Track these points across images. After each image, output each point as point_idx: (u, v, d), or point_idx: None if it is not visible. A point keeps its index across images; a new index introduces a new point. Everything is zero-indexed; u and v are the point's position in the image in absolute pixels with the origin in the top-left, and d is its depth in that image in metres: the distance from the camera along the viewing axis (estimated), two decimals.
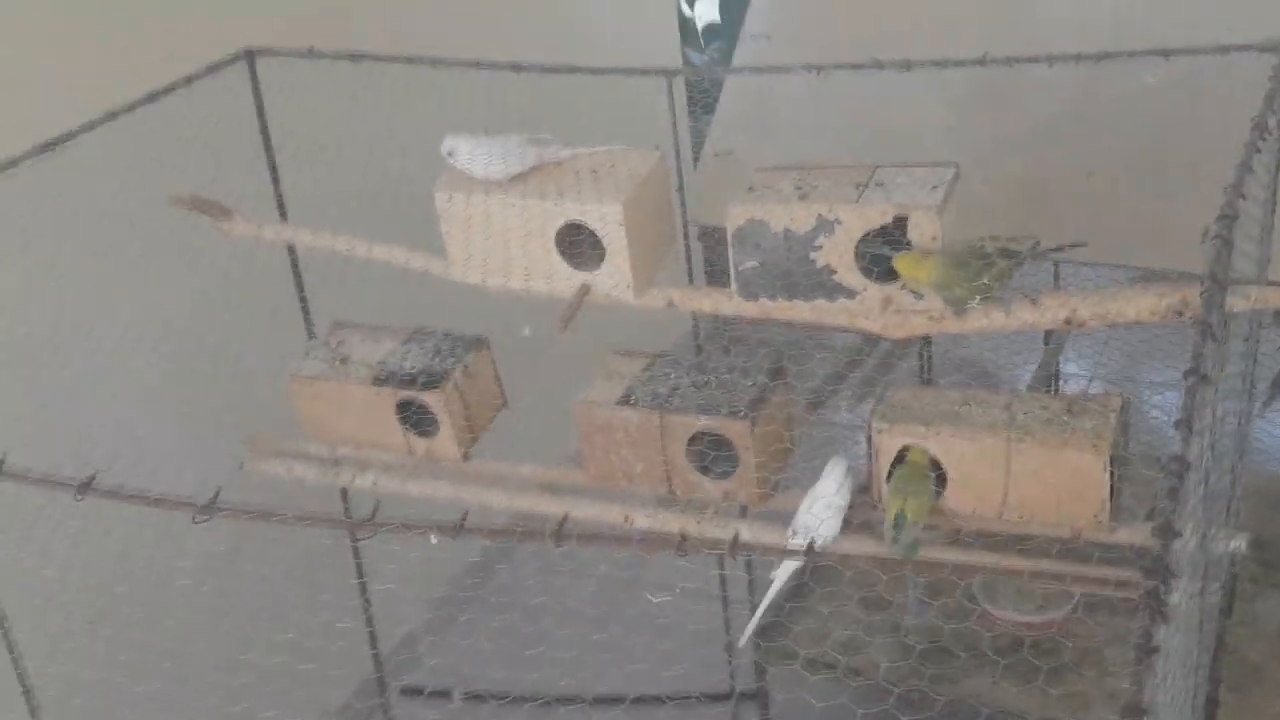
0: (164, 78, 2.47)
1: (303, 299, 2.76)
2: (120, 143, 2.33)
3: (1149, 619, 0.90)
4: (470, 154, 2.16)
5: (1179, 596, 1.06)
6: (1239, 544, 1.93)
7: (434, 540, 1.46)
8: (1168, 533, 0.96)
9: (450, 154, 2.18)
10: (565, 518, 1.25)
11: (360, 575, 2.94)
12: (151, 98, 2.42)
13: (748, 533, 2.15)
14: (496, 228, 2.17)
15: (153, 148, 2.37)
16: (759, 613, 2.11)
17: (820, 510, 1.99)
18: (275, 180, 2.69)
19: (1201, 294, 1.25)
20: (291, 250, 2.69)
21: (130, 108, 2.39)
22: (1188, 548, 1.12)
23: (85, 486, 1.56)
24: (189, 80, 2.48)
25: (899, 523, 1.98)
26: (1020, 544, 2.01)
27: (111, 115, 2.35)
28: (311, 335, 2.72)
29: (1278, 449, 4.03)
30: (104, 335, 2.36)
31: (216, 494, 1.46)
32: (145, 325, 2.44)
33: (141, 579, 2.28)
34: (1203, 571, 1.46)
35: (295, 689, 2.51)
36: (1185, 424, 1.05)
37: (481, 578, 3.88)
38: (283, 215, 2.70)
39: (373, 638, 3.08)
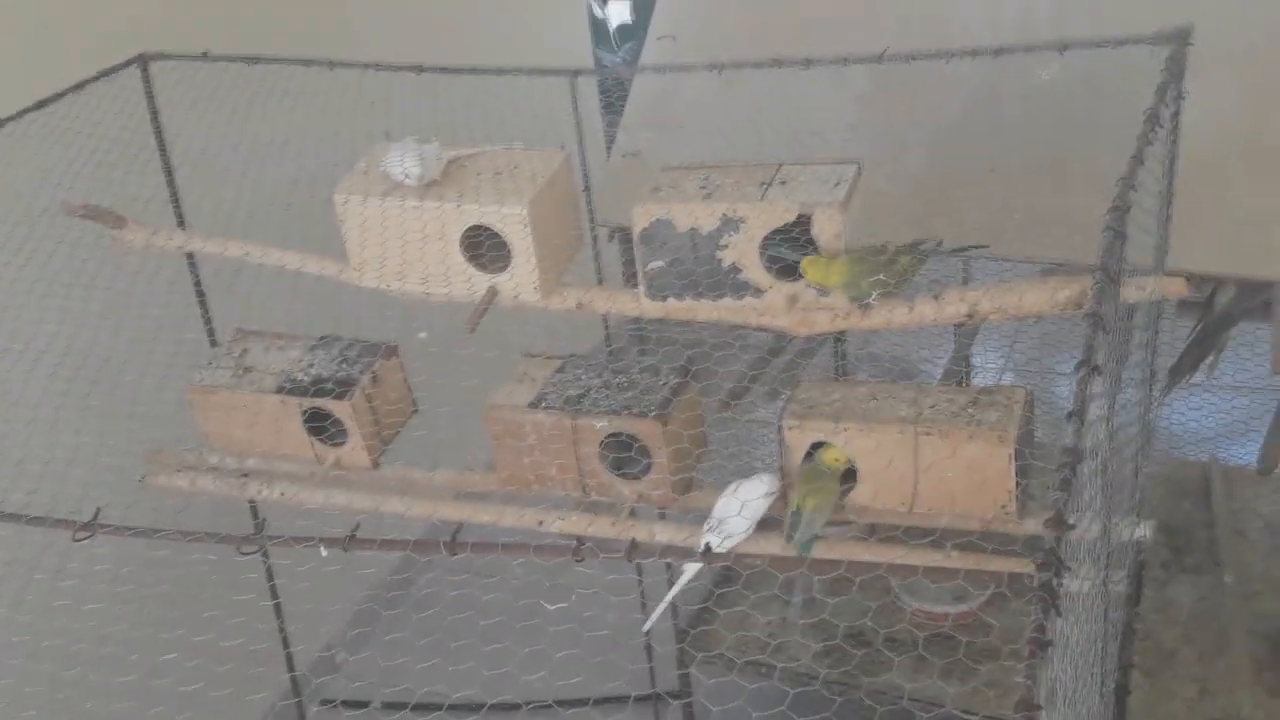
0: (54, 84, 2.40)
1: (204, 307, 2.70)
2: (8, 152, 2.26)
3: (1043, 612, 0.90)
4: (390, 160, 2.14)
5: (1078, 587, 1.06)
6: (1144, 532, 1.96)
7: (324, 553, 1.43)
8: (1060, 524, 0.96)
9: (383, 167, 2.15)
10: (459, 527, 1.22)
11: (272, 585, 2.88)
12: (40, 105, 2.35)
13: (662, 533, 2.15)
14: (396, 231, 2.14)
15: (43, 157, 2.31)
16: (660, 608, 2.11)
17: (724, 508, 1.99)
18: (172, 187, 2.63)
19: (1092, 285, 1.26)
20: (191, 259, 2.63)
21: (18, 115, 2.32)
22: (1086, 538, 1.12)
23: None
24: (80, 86, 2.42)
25: (795, 520, 1.99)
26: (931, 537, 2.03)
27: None
28: (214, 344, 2.66)
29: (1185, 436, 4.13)
30: None
31: (97, 513, 1.41)
32: (40, 340, 2.37)
33: (48, 597, 2.21)
34: (1106, 561, 1.47)
35: (212, 706, 2.46)
36: (1077, 415, 1.06)
37: (402, 587, 3.84)
38: (180, 224, 2.64)
39: (287, 649, 3.03)
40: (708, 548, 1.90)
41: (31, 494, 1.67)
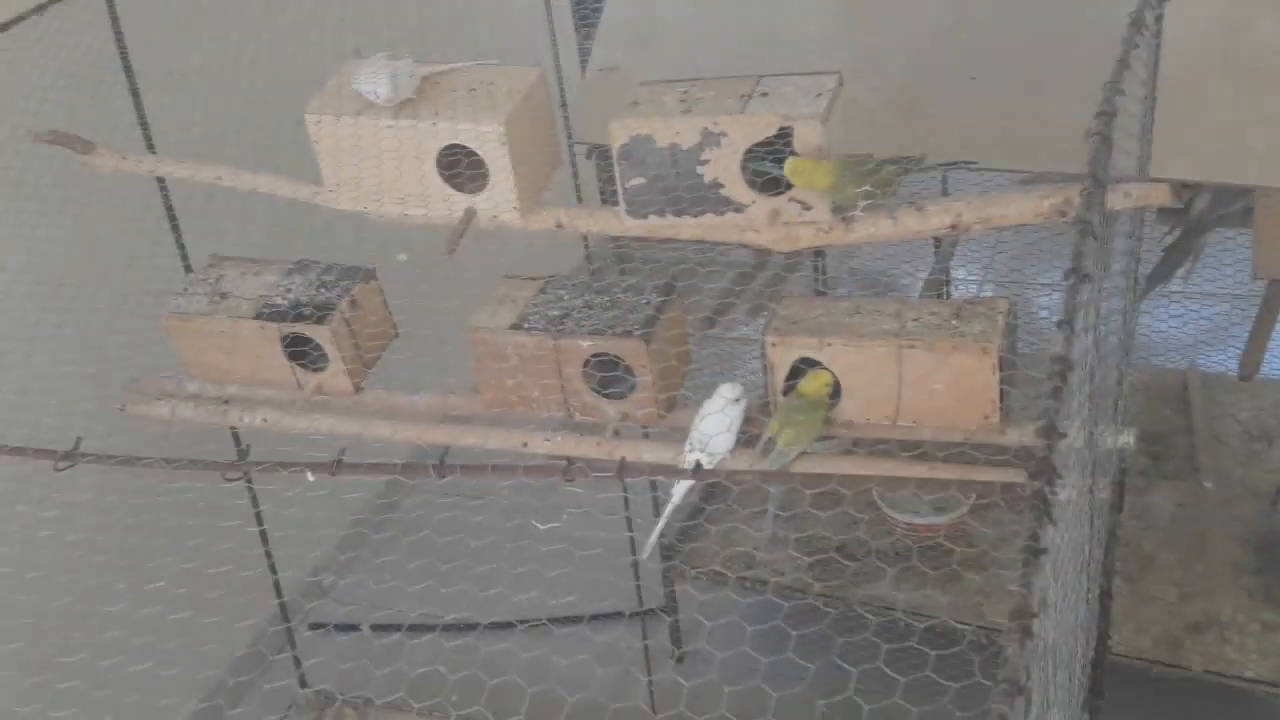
0: (14, 8, 2.33)
1: (176, 234, 2.66)
2: None
3: (1036, 520, 0.90)
4: (360, 78, 2.08)
5: (1067, 495, 1.06)
6: (1127, 439, 1.97)
7: (310, 478, 1.42)
8: (1052, 433, 0.96)
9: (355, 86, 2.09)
10: (446, 450, 1.21)
11: (257, 511, 2.88)
12: (1, 28, 2.29)
13: (649, 453, 2.14)
14: (371, 151, 2.10)
15: (5, 82, 2.25)
16: (657, 530, 2.11)
17: (709, 426, 1.98)
18: (139, 110, 2.57)
19: (1081, 192, 1.25)
20: (163, 184, 2.59)
21: None
22: (1074, 447, 1.12)
23: None
24: (41, 8, 2.36)
25: (769, 447, 1.98)
26: (914, 451, 2.04)
27: None
28: (189, 272, 2.63)
29: (1164, 344, 4.15)
30: None
31: (78, 442, 1.39)
32: (13, 270, 2.33)
33: (31, 528, 2.20)
34: (1091, 469, 1.47)
35: (200, 632, 2.47)
36: (1067, 323, 1.05)
37: (389, 511, 3.85)
38: (150, 148, 2.59)
39: (274, 575, 3.04)
40: (698, 465, 1.90)
41: (9, 425, 1.65)
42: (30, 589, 2.24)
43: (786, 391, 2.08)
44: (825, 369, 2.04)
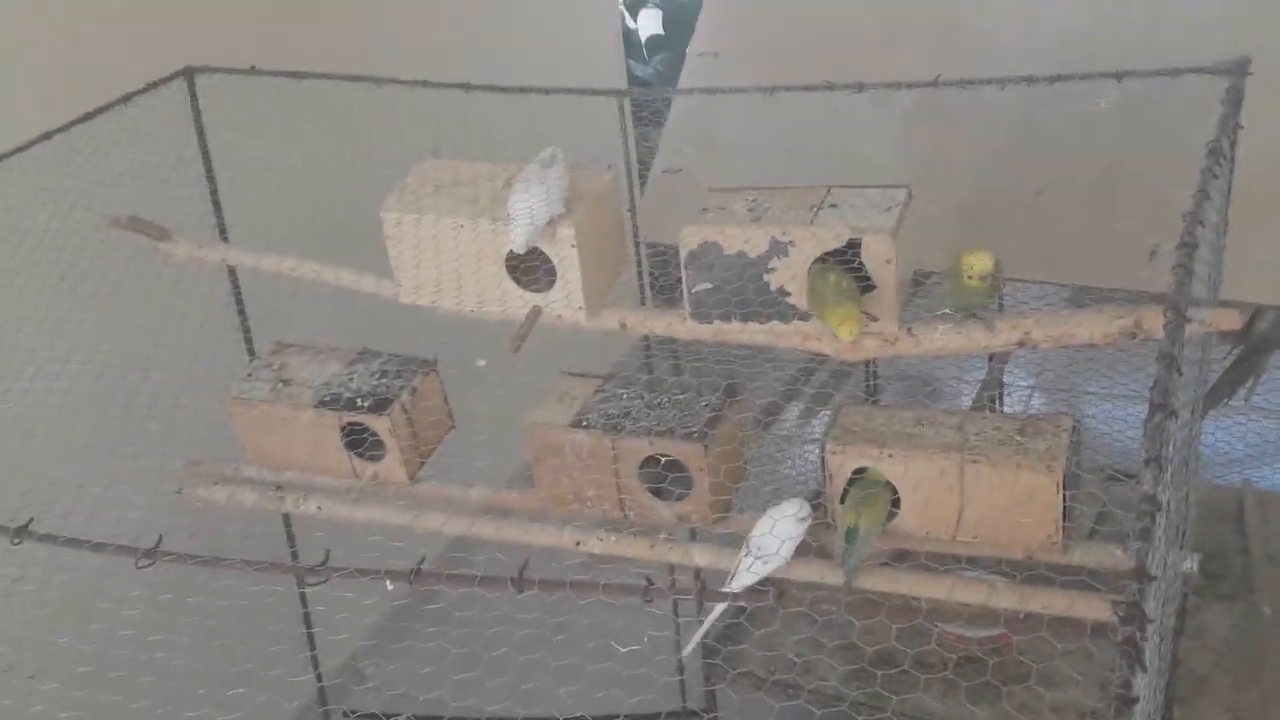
0: (101, 97, 2.40)
1: (244, 321, 2.70)
2: (56, 164, 2.26)
3: (1128, 667, 0.89)
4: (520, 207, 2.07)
5: (1152, 639, 1.05)
6: (1191, 565, 1.95)
7: (390, 587, 1.42)
8: (1143, 576, 0.95)
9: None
10: (526, 562, 1.21)
11: (302, 592, 2.88)
12: (88, 116, 2.35)
13: (700, 556, 2.14)
14: (446, 250, 2.13)
15: (90, 169, 2.31)
16: (703, 630, 2.09)
17: (781, 530, 1.96)
18: (216, 202, 2.63)
19: (1165, 326, 1.25)
20: (233, 273, 2.63)
21: (66, 127, 2.32)
22: (1160, 586, 1.11)
23: (22, 530, 1.49)
24: (127, 98, 2.42)
25: (851, 536, 1.97)
26: (961, 564, 2.02)
27: (47, 135, 2.28)
28: (253, 358, 2.66)
29: (1218, 459, 4.10)
30: (40, 364, 2.29)
31: (159, 540, 1.40)
32: (79, 353, 2.37)
33: (85, 628, 2.21)
34: (1164, 598, 1.46)
35: (242, 713, 2.45)
36: (1155, 462, 1.04)
37: (427, 594, 3.82)
38: (224, 238, 2.64)
39: (314, 659, 3.02)
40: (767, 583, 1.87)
41: (91, 519, 1.66)
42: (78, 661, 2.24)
43: (843, 499, 2.07)
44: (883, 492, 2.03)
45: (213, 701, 2.23)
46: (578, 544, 2.22)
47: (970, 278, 1.93)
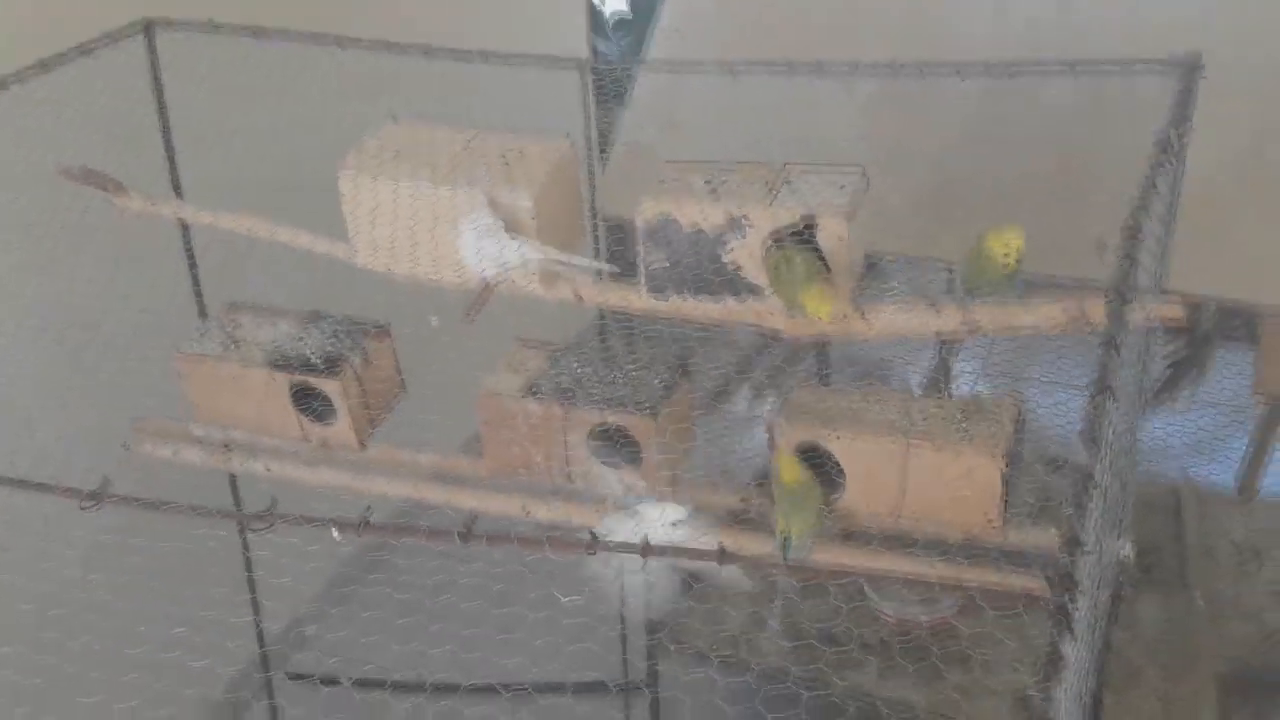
0: (60, 46, 2.37)
1: (195, 280, 2.67)
2: (9, 114, 2.23)
3: (1057, 633, 0.91)
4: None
5: (1083, 608, 1.08)
6: (1127, 551, 1.99)
7: (336, 536, 1.43)
8: (1074, 546, 0.97)
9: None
10: (474, 517, 1.23)
11: (247, 556, 2.87)
12: (43, 66, 2.32)
13: None
14: (402, 214, 2.13)
15: (44, 119, 2.28)
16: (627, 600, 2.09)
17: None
18: (171, 157, 2.60)
19: (1107, 309, 1.27)
20: (185, 229, 2.61)
21: (20, 76, 2.29)
22: (1090, 560, 1.14)
23: None
24: (85, 49, 2.39)
25: (785, 545, 1.98)
26: (908, 544, 2.05)
27: (2, 84, 2.25)
28: (204, 317, 2.64)
29: (1157, 451, 4.17)
30: None
31: (105, 482, 1.40)
32: (29, 302, 2.35)
33: (32, 567, 2.20)
34: (1099, 579, 1.49)
35: (179, 677, 2.45)
36: (1091, 438, 1.07)
37: (372, 561, 3.82)
38: (178, 194, 2.62)
39: (258, 623, 3.01)
40: (722, 550, 1.87)
41: (37, 462, 1.65)
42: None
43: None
44: (798, 461, 2.05)
45: (155, 640, 2.22)
46: (526, 511, 2.23)
47: (1006, 256, 1.92)
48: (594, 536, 1.40)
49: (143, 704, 2.18)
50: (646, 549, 1.42)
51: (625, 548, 1.44)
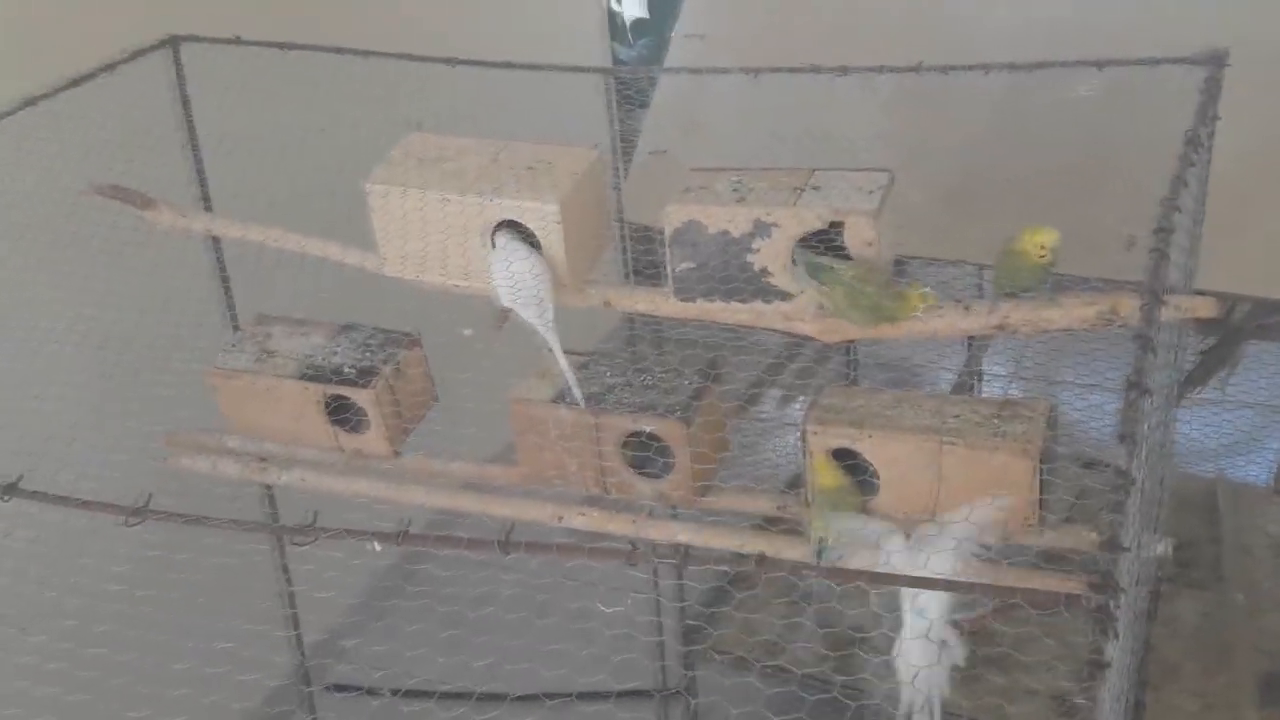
0: (85, 63, 2.39)
1: (227, 292, 2.70)
2: (38, 130, 2.26)
3: (1100, 634, 0.91)
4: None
5: (1125, 609, 1.07)
6: (1165, 549, 1.97)
7: (377, 548, 1.43)
8: (1115, 547, 0.97)
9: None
10: (512, 526, 1.23)
11: (286, 573, 2.88)
12: (72, 83, 2.35)
13: (681, 533, 2.16)
14: (431, 224, 2.14)
15: (73, 136, 2.30)
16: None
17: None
18: (200, 171, 2.62)
19: (1140, 308, 1.27)
20: (216, 243, 2.63)
21: (50, 93, 2.31)
22: (1131, 560, 1.13)
23: (11, 488, 1.50)
24: (111, 66, 2.41)
25: (822, 549, 1.98)
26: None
27: (30, 101, 2.28)
28: (236, 329, 2.66)
29: (1194, 450, 4.14)
30: (19, 330, 2.29)
31: (149, 499, 1.41)
32: (63, 319, 2.37)
33: (73, 583, 2.22)
34: (1136, 578, 1.48)
35: (218, 691, 2.46)
36: (1129, 438, 1.07)
37: (406, 572, 3.84)
38: (208, 208, 2.64)
39: (298, 636, 3.03)
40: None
41: (79, 477, 1.67)
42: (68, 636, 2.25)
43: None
44: (835, 464, 2.05)
45: (197, 655, 2.24)
46: (560, 519, 2.23)
47: (1042, 255, 1.92)
48: (633, 546, 1.40)
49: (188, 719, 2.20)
50: (685, 558, 1.42)
51: (663, 554, 1.44)
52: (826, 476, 2.03)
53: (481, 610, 2.82)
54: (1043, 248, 1.91)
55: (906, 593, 1.75)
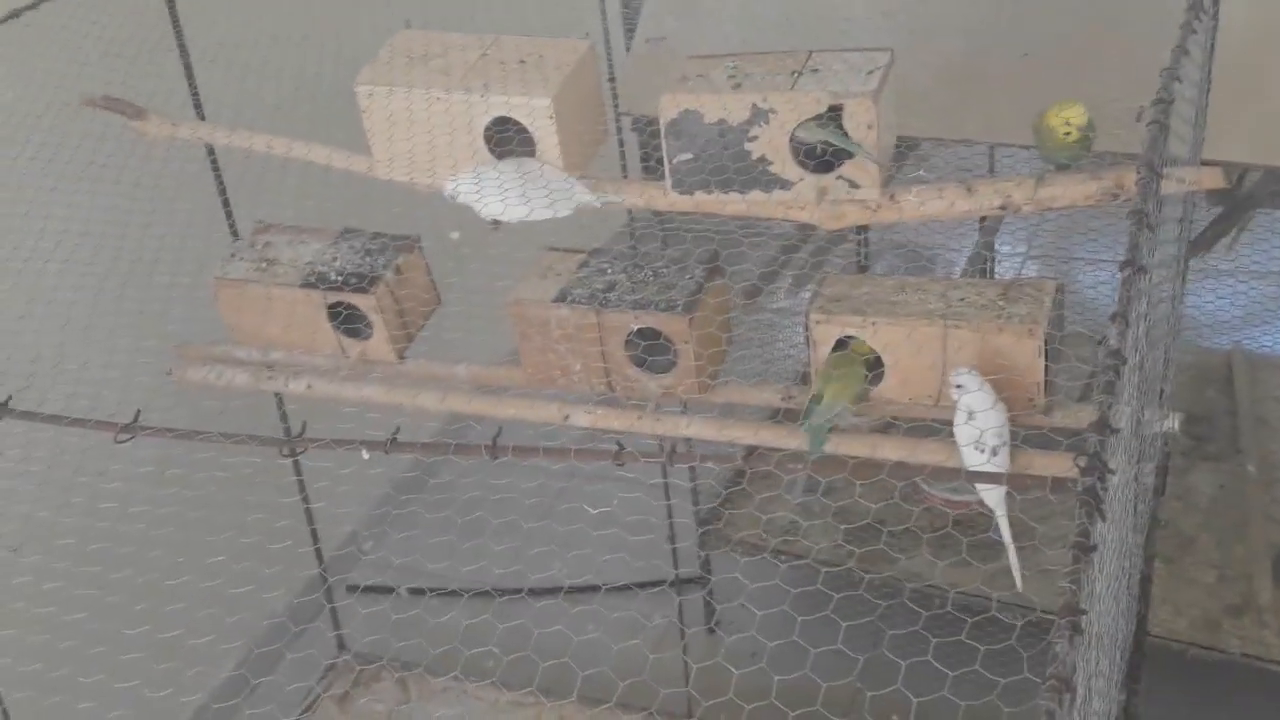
0: None
1: (225, 201, 2.67)
2: (26, 43, 2.22)
3: (1087, 517, 0.90)
4: (481, 190, 2.07)
5: (1115, 489, 1.06)
6: (1173, 424, 1.96)
7: (366, 456, 1.44)
8: (1104, 428, 0.96)
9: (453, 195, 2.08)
10: (499, 431, 1.22)
11: (300, 477, 2.91)
12: None
13: (689, 428, 2.15)
14: (421, 123, 2.10)
15: (58, 51, 2.27)
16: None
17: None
18: (191, 81, 2.58)
19: (1137, 182, 1.24)
20: (211, 152, 2.60)
21: (35, 4, 2.28)
22: (1123, 439, 1.12)
23: (1, 408, 1.51)
24: None
25: (811, 407, 1.98)
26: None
27: (14, 14, 2.24)
28: (236, 238, 2.65)
29: (1206, 323, 4.11)
30: (16, 245, 2.28)
31: (137, 414, 1.42)
32: (60, 234, 2.36)
33: (67, 501, 2.24)
34: (1137, 456, 1.47)
35: (237, 594, 2.50)
36: (1121, 316, 1.05)
37: (422, 473, 3.88)
38: (200, 117, 2.61)
39: (315, 539, 3.07)
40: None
41: (70, 396, 1.67)
42: (91, 560, 2.28)
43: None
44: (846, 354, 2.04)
45: (198, 570, 2.27)
46: (566, 418, 2.23)
47: (1068, 133, 1.89)
48: (620, 446, 1.40)
49: (199, 627, 2.23)
50: (671, 455, 1.42)
51: (649, 453, 1.44)
52: (834, 357, 2.03)
53: (488, 512, 2.85)
54: (1068, 124, 1.88)
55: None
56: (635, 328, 2.16)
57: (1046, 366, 1.95)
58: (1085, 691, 1.05)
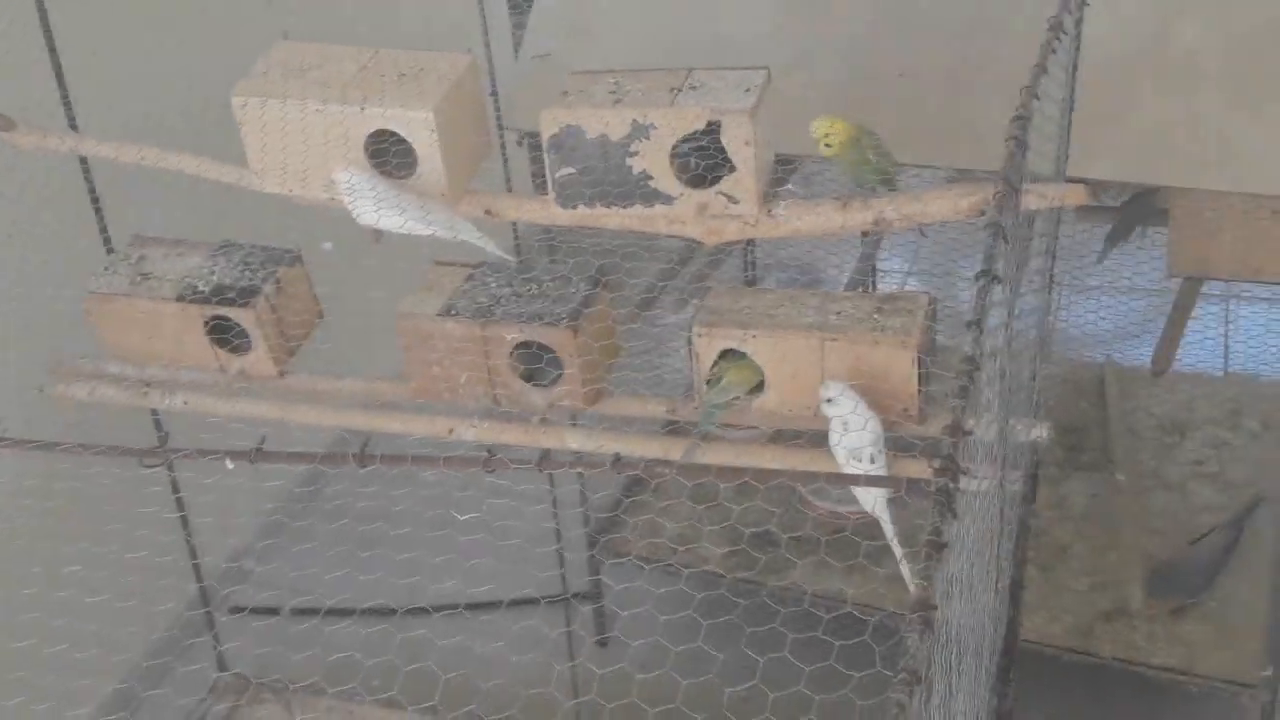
0: None
1: (99, 213, 2.61)
2: None
3: (939, 515, 0.93)
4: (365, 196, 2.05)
5: (975, 489, 1.10)
6: (1041, 433, 2.02)
7: (230, 466, 1.42)
8: (958, 430, 0.99)
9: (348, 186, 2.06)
10: (368, 439, 1.22)
11: (177, 497, 2.85)
12: None
13: (573, 440, 2.16)
14: (298, 135, 2.08)
15: None
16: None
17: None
18: (63, 90, 2.52)
19: (994, 195, 1.28)
20: (85, 164, 2.55)
21: None
22: (983, 441, 1.16)
23: None
24: None
25: (713, 383, 2.02)
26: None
27: None
28: (110, 252, 2.59)
29: (1083, 338, 4.24)
30: None
31: None
32: None
33: None
34: (1002, 461, 1.51)
35: (117, 617, 2.45)
36: (976, 324, 1.08)
37: (312, 492, 3.82)
38: (73, 127, 2.55)
39: (195, 558, 3.01)
40: (617, 458, 1.89)
41: None
42: None
43: (710, 382, 2.10)
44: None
45: (82, 585, 2.21)
46: (451, 432, 2.22)
47: (828, 145, 1.98)
48: (490, 454, 1.40)
49: (80, 644, 2.17)
50: (544, 461, 1.42)
51: (521, 460, 1.45)
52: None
53: (386, 524, 2.83)
54: (827, 135, 1.99)
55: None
56: (520, 340, 2.17)
57: (921, 376, 2.00)
58: (945, 689, 1.08)
